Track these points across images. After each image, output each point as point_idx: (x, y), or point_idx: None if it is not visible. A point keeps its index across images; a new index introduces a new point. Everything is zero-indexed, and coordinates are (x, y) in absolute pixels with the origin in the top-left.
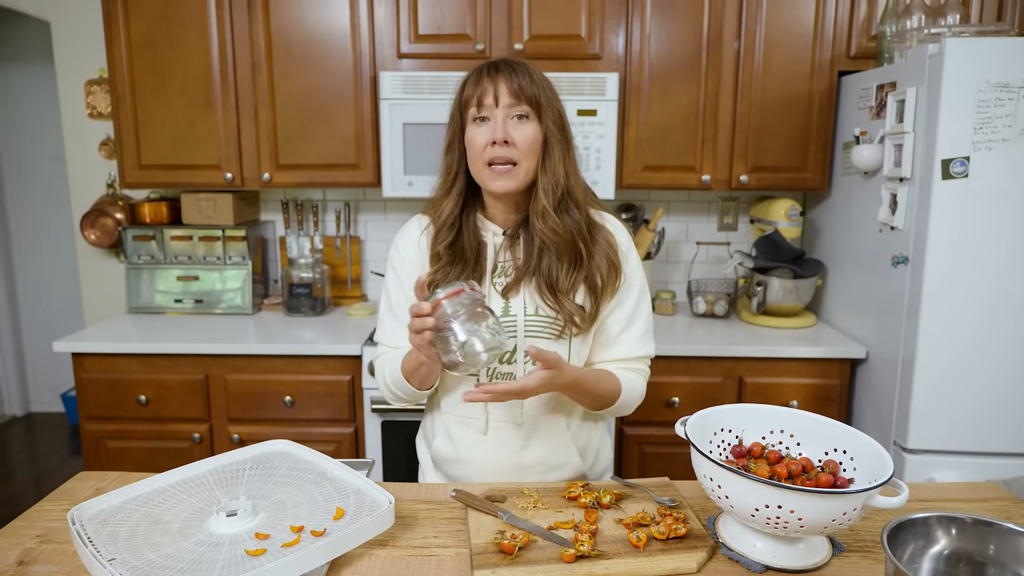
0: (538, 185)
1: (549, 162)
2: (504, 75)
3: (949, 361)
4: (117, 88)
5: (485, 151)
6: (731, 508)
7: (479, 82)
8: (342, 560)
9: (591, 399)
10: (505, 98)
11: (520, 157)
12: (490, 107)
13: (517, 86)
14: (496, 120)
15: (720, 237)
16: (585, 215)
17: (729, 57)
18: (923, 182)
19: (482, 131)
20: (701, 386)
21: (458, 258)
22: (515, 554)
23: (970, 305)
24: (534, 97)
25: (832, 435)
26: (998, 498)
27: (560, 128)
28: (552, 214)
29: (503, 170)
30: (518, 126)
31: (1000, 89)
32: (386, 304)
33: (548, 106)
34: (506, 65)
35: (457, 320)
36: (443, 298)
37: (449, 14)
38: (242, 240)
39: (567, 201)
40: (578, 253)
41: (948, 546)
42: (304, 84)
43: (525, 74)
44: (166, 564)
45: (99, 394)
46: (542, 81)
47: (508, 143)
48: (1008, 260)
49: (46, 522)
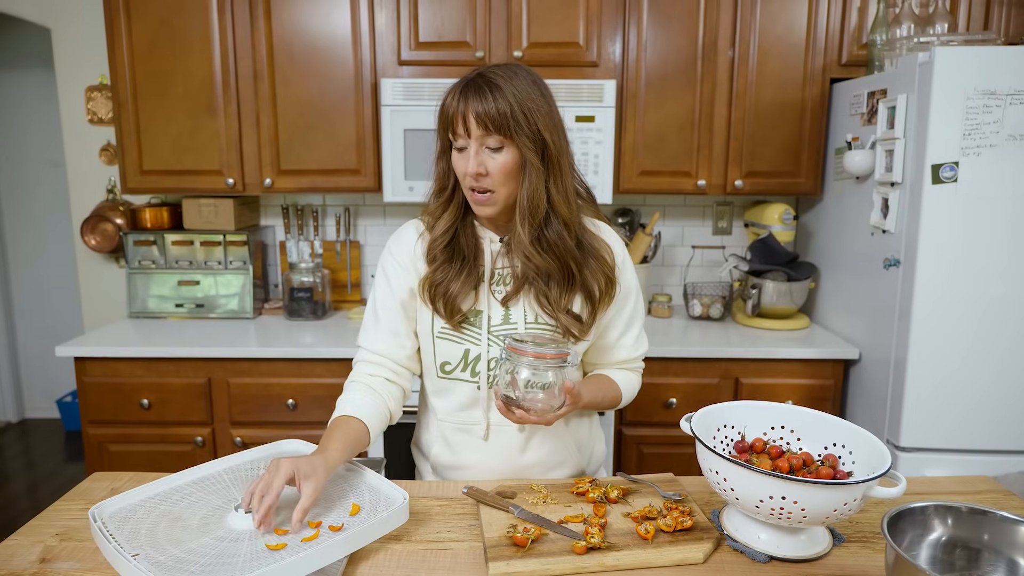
0: (515, 212)
1: (527, 186)
2: (473, 101)
3: (941, 361)
4: (119, 94)
5: (466, 179)
6: (736, 500)
7: (454, 103)
8: (360, 554)
9: (602, 405)
10: (475, 129)
11: (496, 186)
12: (463, 136)
13: (484, 113)
14: (470, 151)
15: (715, 241)
16: (575, 232)
17: (724, 65)
18: (914, 187)
19: (461, 158)
20: (698, 387)
21: (456, 256)
22: (528, 547)
23: (961, 306)
24: (504, 124)
25: (831, 431)
26: (990, 491)
27: (540, 149)
28: (527, 243)
29: (483, 198)
30: (492, 156)
31: (987, 96)
32: (372, 308)
33: (522, 128)
34: (477, 88)
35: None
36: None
37: (449, 22)
38: (243, 245)
39: (552, 221)
40: (569, 273)
41: (945, 534)
42: (306, 90)
43: (493, 98)
44: (189, 559)
45: (101, 398)
46: (520, 98)
47: (482, 175)
48: (997, 262)
49: (65, 521)
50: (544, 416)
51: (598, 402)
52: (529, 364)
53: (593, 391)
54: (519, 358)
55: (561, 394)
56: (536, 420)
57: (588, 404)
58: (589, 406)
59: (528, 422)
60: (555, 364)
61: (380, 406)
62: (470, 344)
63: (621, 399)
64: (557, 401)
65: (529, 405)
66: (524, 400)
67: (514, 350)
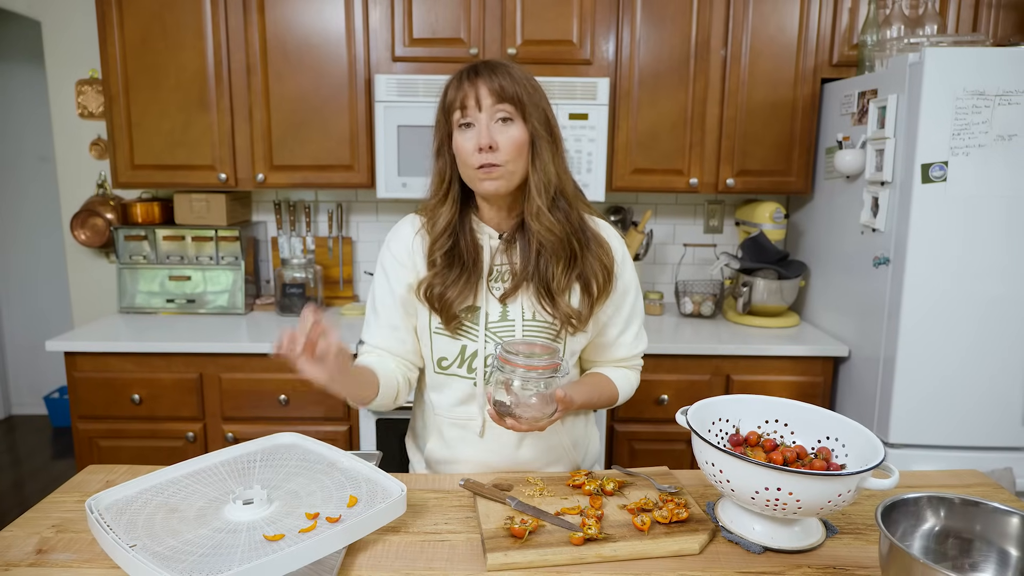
0: (530, 184)
1: (539, 161)
2: (484, 77)
3: (929, 358)
4: (111, 88)
5: (473, 157)
6: (732, 492)
7: (460, 86)
8: (358, 545)
9: (597, 404)
10: (486, 99)
11: (507, 160)
12: (473, 110)
13: (498, 86)
14: (480, 124)
15: (706, 239)
16: (577, 214)
17: (716, 64)
18: (903, 186)
19: (468, 136)
20: (689, 384)
21: (456, 262)
22: (525, 538)
23: (950, 304)
24: (515, 96)
25: (824, 424)
26: (979, 484)
27: (547, 127)
28: (546, 212)
29: (491, 171)
30: (502, 129)
31: (977, 97)
32: (372, 305)
33: (532, 104)
34: (486, 67)
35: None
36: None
37: (443, 18)
38: (235, 240)
39: (560, 199)
40: (572, 251)
41: (937, 524)
42: (299, 86)
43: (505, 74)
44: (187, 549)
45: (92, 393)
46: (524, 80)
47: (493, 148)
48: (986, 260)
49: (61, 512)
50: (536, 424)
51: (593, 402)
52: (521, 376)
53: (587, 392)
54: (511, 369)
55: (553, 402)
56: (528, 428)
57: (582, 405)
58: (584, 407)
59: (520, 430)
60: (546, 375)
61: (389, 368)
62: (467, 340)
63: (617, 397)
64: (549, 409)
65: (520, 413)
66: (516, 408)
67: (505, 361)
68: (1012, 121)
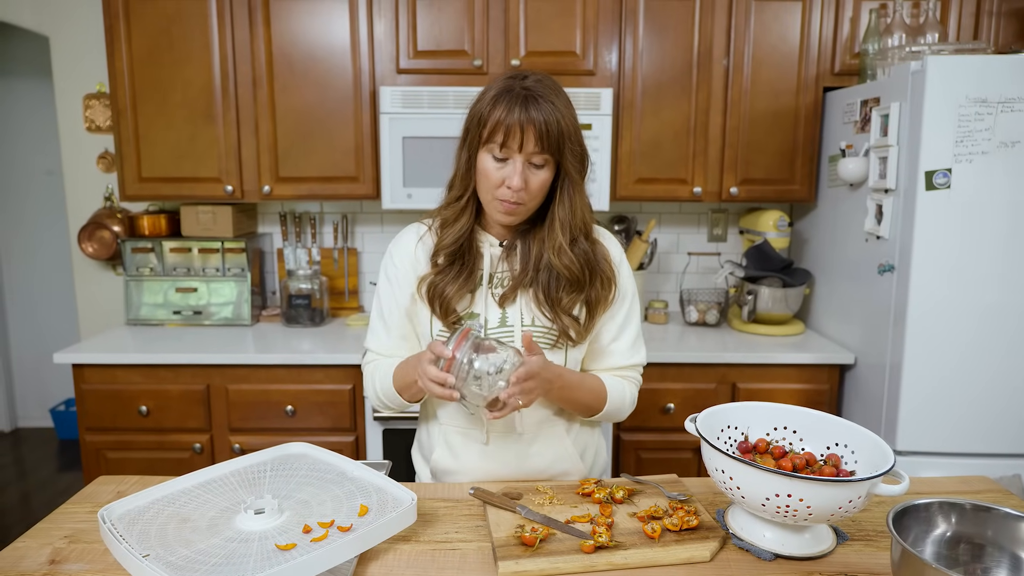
0: (555, 220)
1: (566, 198)
2: (533, 113)
3: (936, 365)
4: (118, 101)
5: (499, 190)
6: (742, 499)
7: (509, 114)
8: (369, 555)
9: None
10: (530, 144)
11: (530, 199)
12: (514, 151)
13: (544, 129)
14: (515, 165)
15: (710, 248)
16: (592, 243)
17: (719, 73)
18: (907, 193)
19: (500, 169)
20: (695, 392)
21: (456, 261)
22: (536, 546)
23: (955, 311)
24: (557, 145)
25: (833, 430)
26: (988, 490)
27: (580, 163)
28: (567, 251)
29: (513, 208)
30: (535, 173)
31: (979, 104)
32: (378, 312)
33: (570, 143)
34: (534, 100)
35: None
36: (454, 350)
37: (447, 31)
38: (241, 252)
39: (579, 235)
40: (585, 281)
41: (949, 530)
42: (304, 98)
43: (552, 111)
44: (200, 559)
45: (99, 405)
46: (568, 116)
47: (521, 189)
48: (991, 267)
49: (73, 523)
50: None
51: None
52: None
53: (564, 370)
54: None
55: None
56: (517, 406)
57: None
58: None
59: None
60: (474, 340)
61: None
62: None
63: (605, 397)
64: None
65: (497, 392)
66: (494, 389)
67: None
68: (1014, 128)
